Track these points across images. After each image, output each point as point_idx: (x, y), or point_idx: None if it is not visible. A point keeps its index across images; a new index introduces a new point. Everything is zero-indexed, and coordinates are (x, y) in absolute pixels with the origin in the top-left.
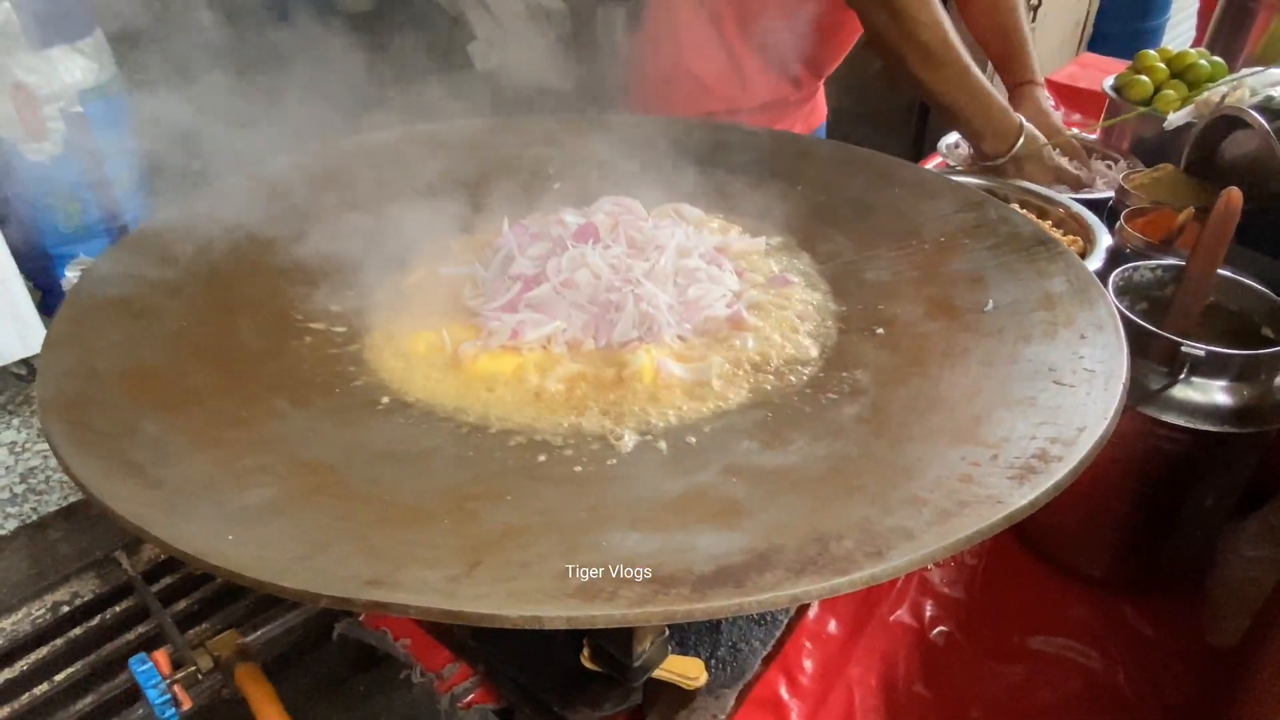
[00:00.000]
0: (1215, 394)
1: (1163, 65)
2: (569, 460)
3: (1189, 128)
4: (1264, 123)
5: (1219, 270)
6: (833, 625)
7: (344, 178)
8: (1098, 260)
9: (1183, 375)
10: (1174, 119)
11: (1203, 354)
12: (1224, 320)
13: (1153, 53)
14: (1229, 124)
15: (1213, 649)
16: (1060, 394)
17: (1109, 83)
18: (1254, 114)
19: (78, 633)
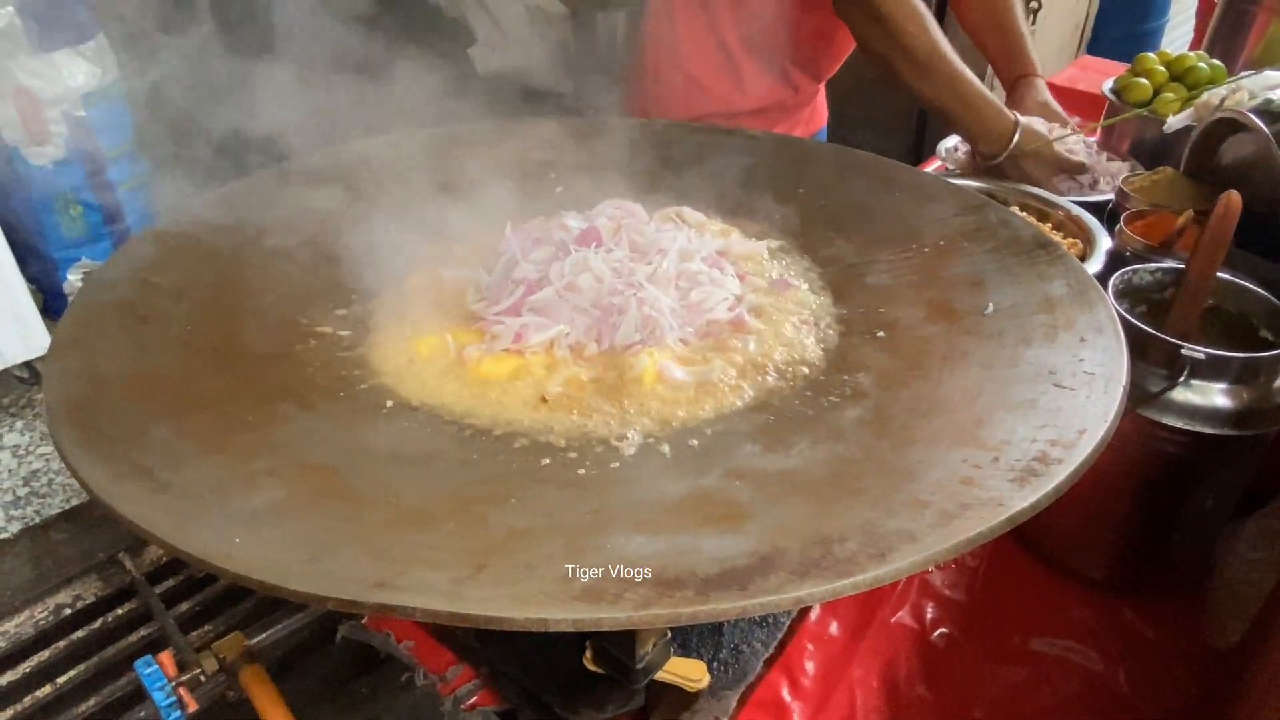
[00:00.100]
0: (1215, 396)
1: (1162, 68)
2: (573, 463)
3: (1188, 131)
4: (1263, 126)
5: (1218, 273)
6: (834, 627)
7: (346, 182)
8: (1097, 263)
9: (1182, 378)
10: (1173, 122)
11: (1202, 357)
12: (1223, 323)
13: (1152, 56)
14: (1228, 127)
15: (1213, 650)
16: (1060, 397)
17: (1108, 85)
18: (1253, 117)
19: (80, 635)
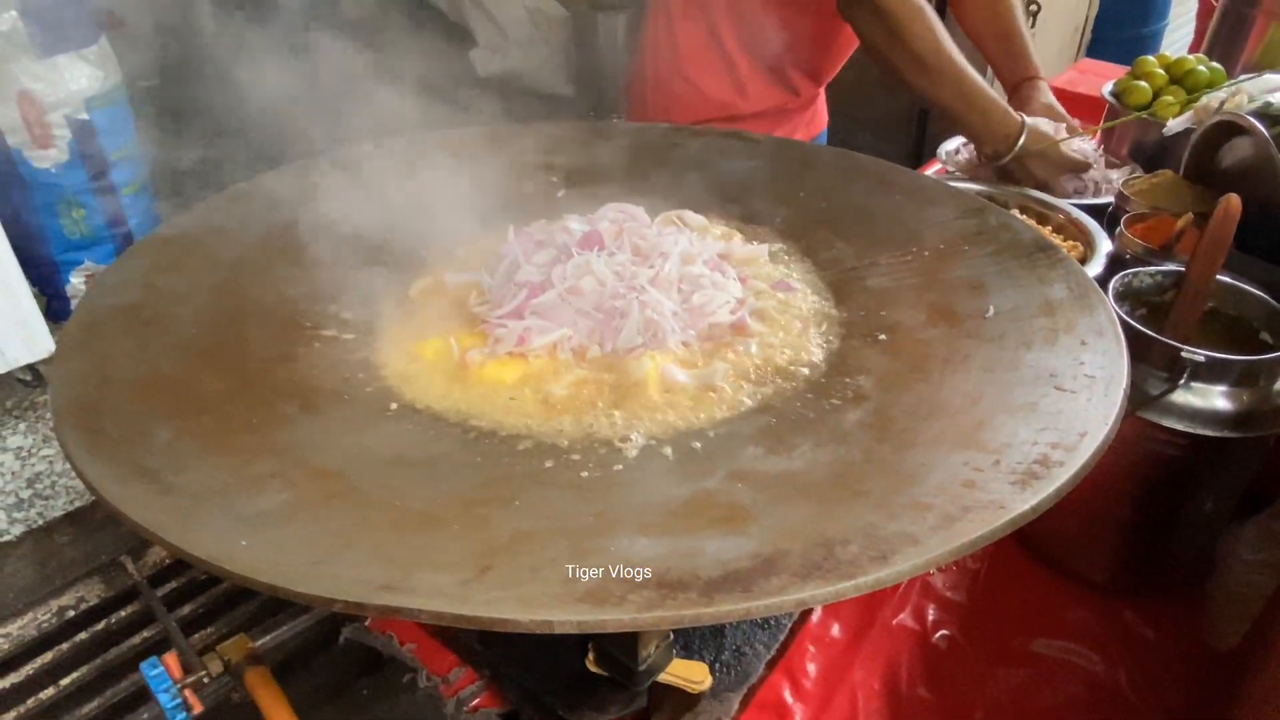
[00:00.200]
0: (1215, 399)
1: (1161, 71)
2: (576, 465)
3: (1188, 134)
4: (1262, 129)
5: (1218, 276)
6: (836, 629)
7: (348, 185)
8: (1098, 266)
9: (1182, 380)
10: (1173, 125)
11: (1202, 359)
12: (1223, 325)
13: (1151, 59)
14: (1228, 130)
15: (1213, 652)
16: (1061, 399)
17: (1108, 89)
18: (1252, 120)
19: (83, 637)
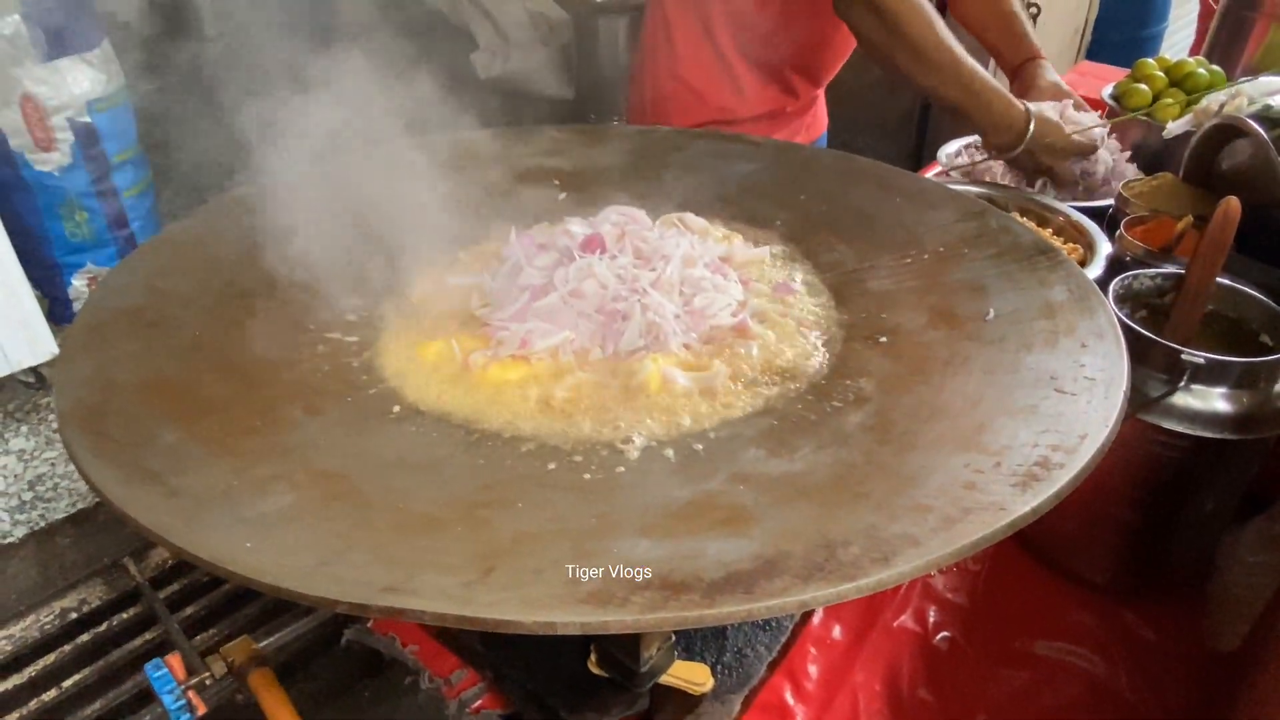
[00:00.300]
0: (1215, 401)
1: (1161, 74)
2: (578, 468)
3: (1188, 136)
4: (1262, 132)
5: (1218, 278)
6: (837, 631)
7: (351, 189)
8: (1098, 268)
9: (1183, 382)
10: (1173, 128)
11: (1202, 361)
12: (1223, 328)
13: (1151, 61)
14: (1227, 133)
15: (1214, 654)
16: (1062, 402)
17: (1108, 91)
18: (1252, 123)
19: (85, 639)
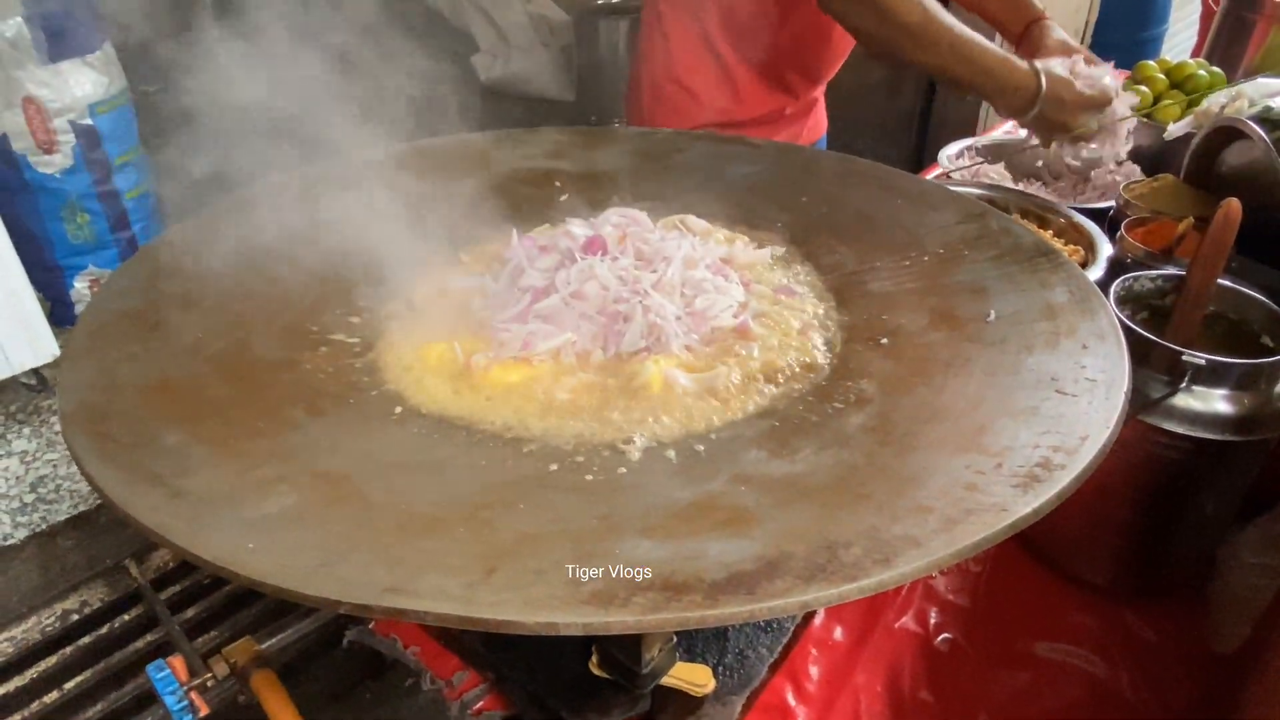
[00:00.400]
0: (1216, 402)
1: (1162, 75)
2: (580, 468)
3: (1188, 138)
4: (1262, 133)
5: (1219, 279)
6: (838, 632)
7: (352, 191)
8: (1099, 270)
9: (1184, 384)
10: (1174, 129)
11: (1203, 363)
12: (1224, 329)
13: (1152, 63)
14: (1228, 134)
15: (1215, 655)
16: (1063, 403)
17: None
18: (1252, 124)
19: (87, 641)
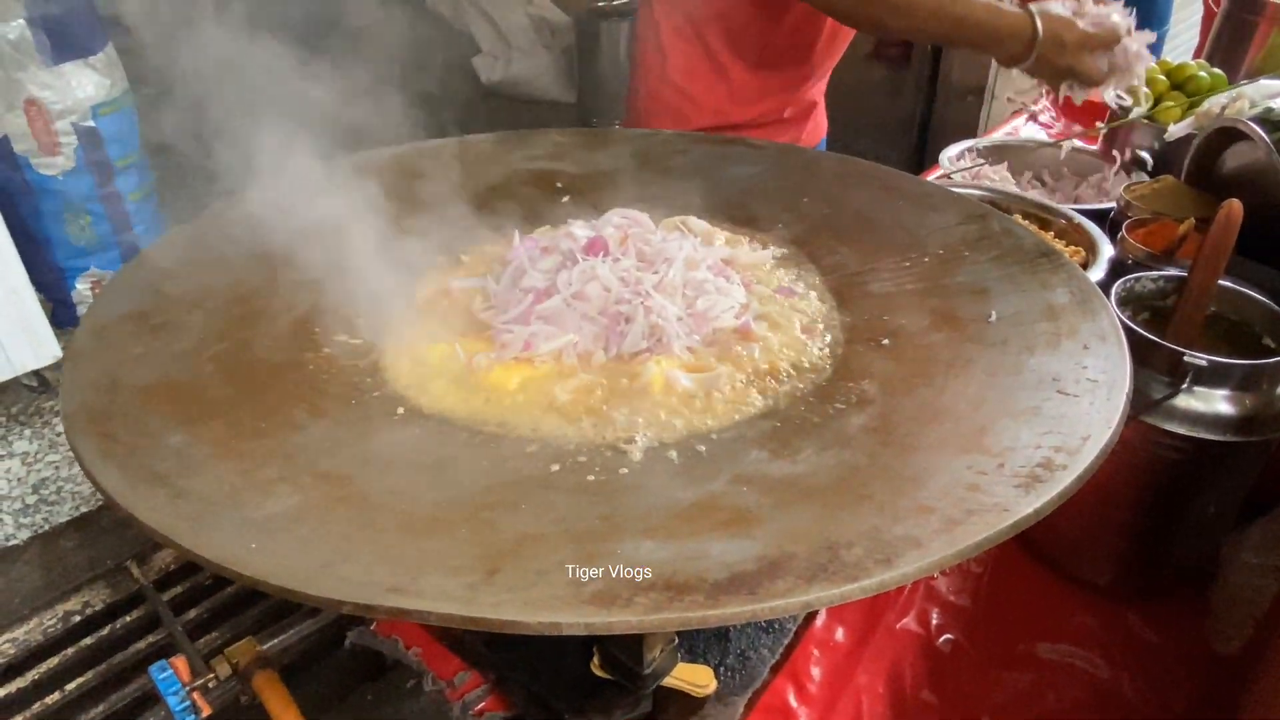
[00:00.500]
0: (1217, 403)
1: (1163, 76)
2: (582, 469)
3: (1189, 139)
4: (1263, 134)
5: (1220, 280)
6: (840, 633)
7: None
8: (1100, 271)
9: (1185, 385)
10: (1175, 130)
11: (1205, 364)
12: (1225, 330)
13: (1153, 64)
14: (1229, 135)
15: (1217, 655)
16: (1064, 404)
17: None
18: (1253, 126)
19: (89, 642)
